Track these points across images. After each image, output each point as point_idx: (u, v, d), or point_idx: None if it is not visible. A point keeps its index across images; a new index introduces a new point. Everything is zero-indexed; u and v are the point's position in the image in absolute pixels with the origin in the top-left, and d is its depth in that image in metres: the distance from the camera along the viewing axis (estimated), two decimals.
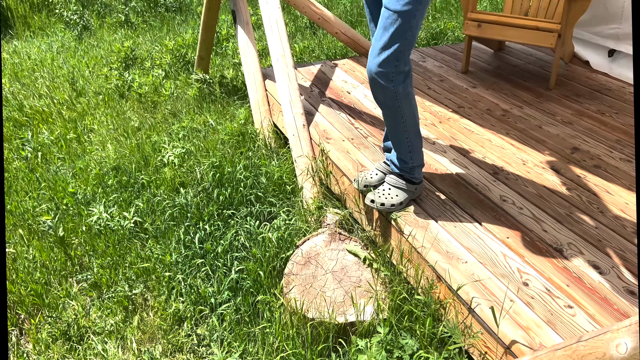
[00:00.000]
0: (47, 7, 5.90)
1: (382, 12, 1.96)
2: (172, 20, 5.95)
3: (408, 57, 1.99)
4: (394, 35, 1.92)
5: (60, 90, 4.12)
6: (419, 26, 1.97)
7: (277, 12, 3.07)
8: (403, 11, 1.88)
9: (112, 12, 6.02)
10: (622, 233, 2.05)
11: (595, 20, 3.73)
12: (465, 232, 2.05)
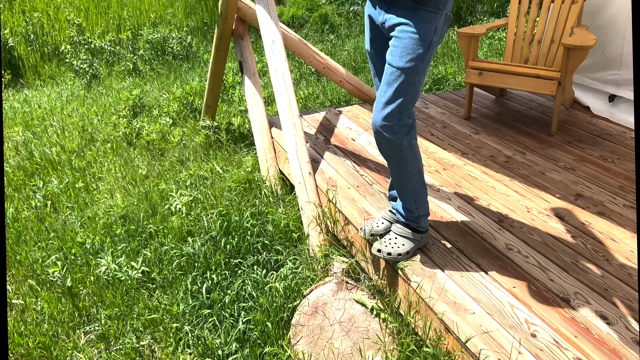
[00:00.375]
0: (57, 56, 6.06)
1: (385, 68, 2.03)
2: (179, 67, 6.09)
3: (412, 110, 2.04)
4: (397, 91, 1.98)
5: (70, 138, 4.19)
6: (422, 82, 2.03)
7: (283, 64, 3.16)
8: (406, 68, 1.95)
9: (120, 60, 6.18)
10: (629, 282, 2.05)
11: (595, 66, 3.82)
12: (472, 282, 2.06)
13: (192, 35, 7.16)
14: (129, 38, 6.61)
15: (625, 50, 3.57)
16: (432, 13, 1.93)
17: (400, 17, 1.96)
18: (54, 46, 6.15)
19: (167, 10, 7.79)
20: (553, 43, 3.71)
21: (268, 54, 3.24)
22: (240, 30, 3.75)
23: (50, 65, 5.90)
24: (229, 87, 5.26)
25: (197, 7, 7.97)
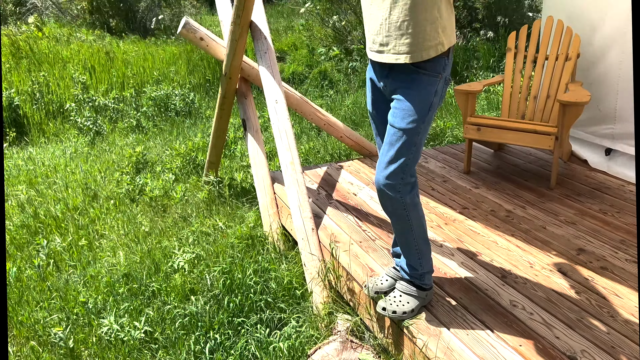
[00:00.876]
0: (62, 113, 6.18)
1: (388, 129, 2.09)
2: (182, 123, 6.20)
3: (414, 169, 2.09)
4: (399, 151, 2.03)
5: (73, 196, 4.23)
6: (423, 141, 2.09)
7: (286, 123, 3.24)
8: (408, 129, 2.00)
9: (124, 117, 6.30)
10: (634, 338, 2.04)
11: (590, 120, 3.90)
12: (477, 340, 2.05)
13: (195, 92, 7.32)
14: (133, 95, 6.76)
15: (618, 105, 3.66)
16: (432, 77, 2.00)
17: (401, 81, 2.04)
18: (58, 104, 6.27)
19: (170, 68, 7.99)
20: (549, 99, 3.80)
21: (271, 113, 3.31)
22: (243, 89, 3.85)
23: (54, 122, 6.01)
24: (231, 143, 5.35)
25: (199, 65, 8.18)
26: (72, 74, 6.85)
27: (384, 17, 1.95)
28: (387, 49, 1.99)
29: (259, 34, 3.51)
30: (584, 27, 3.82)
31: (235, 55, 3.50)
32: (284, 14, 15.81)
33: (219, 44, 3.79)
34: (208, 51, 3.82)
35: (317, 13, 10.15)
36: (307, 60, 9.24)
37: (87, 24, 10.65)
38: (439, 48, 1.97)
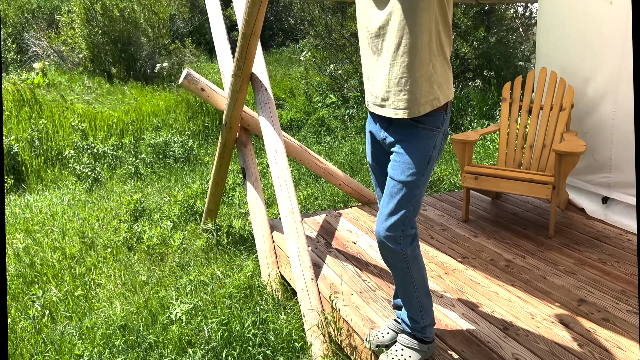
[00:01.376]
0: (60, 161, 6.20)
1: (388, 181, 2.11)
2: (180, 170, 6.23)
3: (414, 221, 2.10)
4: (399, 203, 2.04)
5: (70, 244, 4.20)
6: (423, 194, 2.10)
7: (286, 172, 3.26)
8: (407, 182, 2.03)
9: (122, 164, 6.32)
10: None
11: (586, 169, 3.94)
12: None
13: (194, 139, 7.39)
14: (132, 142, 6.81)
15: (613, 154, 3.71)
16: (430, 131, 2.04)
17: (400, 134, 2.07)
18: (57, 151, 6.31)
19: (169, 115, 8.08)
20: (544, 148, 3.85)
21: (271, 163, 3.34)
22: (243, 139, 3.89)
23: (53, 169, 6.03)
24: (230, 189, 5.36)
25: (198, 112, 8.28)
26: (71, 121, 6.91)
27: (384, 73, 2.01)
28: (387, 103, 2.04)
29: (259, 85, 3.57)
30: (577, 79, 3.91)
31: (236, 105, 3.56)
32: (282, 61, 16.14)
33: (220, 94, 3.85)
34: (209, 101, 3.88)
35: (315, 61, 10.37)
36: (305, 107, 9.38)
37: (87, 71, 10.82)
38: (435, 103, 2.02)
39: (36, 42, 11.50)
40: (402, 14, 1.89)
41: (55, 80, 9.28)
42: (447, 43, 2.02)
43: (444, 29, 1.98)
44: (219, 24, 4.03)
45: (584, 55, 3.85)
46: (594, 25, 3.73)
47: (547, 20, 4.18)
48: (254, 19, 3.09)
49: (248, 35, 3.18)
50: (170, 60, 11.68)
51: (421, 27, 1.89)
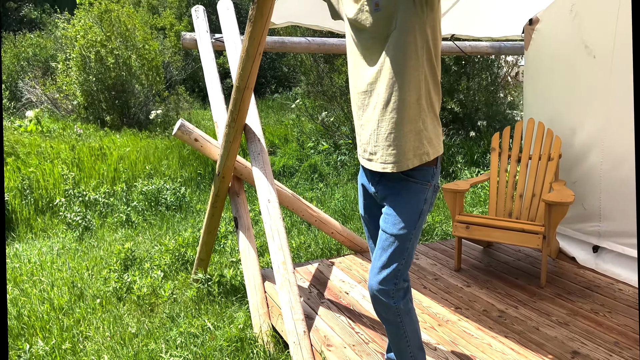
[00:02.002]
0: (51, 209, 6.17)
1: (380, 234, 2.12)
2: (172, 218, 6.21)
3: (407, 274, 2.11)
4: (392, 256, 2.05)
5: (59, 295, 4.14)
6: (415, 246, 2.12)
7: (278, 222, 3.27)
8: (399, 235, 2.04)
9: (113, 211, 6.30)
10: None
11: (576, 218, 3.98)
12: None
13: (186, 186, 7.39)
14: (124, 190, 6.81)
15: (602, 204, 3.76)
16: (421, 185, 2.07)
17: (392, 188, 2.10)
18: (48, 199, 6.28)
19: (162, 161, 8.12)
20: (534, 197, 3.90)
21: (264, 213, 3.35)
22: (236, 188, 3.91)
23: (43, 218, 5.99)
24: (221, 237, 5.34)
25: (190, 159, 8.33)
26: (62, 169, 6.92)
27: (373, 128, 2.05)
28: (375, 157, 2.08)
29: (252, 136, 3.62)
30: (564, 129, 4.00)
31: (229, 156, 3.59)
32: (275, 108, 16.35)
33: (213, 144, 3.90)
34: (202, 151, 3.92)
35: (306, 109, 10.53)
36: (298, 154, 9.46)
37: (81, 118, 10.90)
38: (424, 158, 2.06)
39: (30, 89, 11.63)
40: (392, 71, 1.95)
41: (49, 127, 9.33)
42: (436, 99, 2.08)
43: (433, 87, 2.04)
44: (213, 76, 4.12)
45: (570, 106, 3.95)
46: (578, 78, 3.84)
47: (533, 73, 4.30)
48: (247, 72, 3.16)
49: (242, 88, 3.24)
50: (164, 107, 11.82)
51: (410, 85, 1.95)
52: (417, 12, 1.91)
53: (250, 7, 2.74)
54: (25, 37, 15.06)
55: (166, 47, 16.06)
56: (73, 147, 7.84)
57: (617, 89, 3.54)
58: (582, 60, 3.79)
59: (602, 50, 3.63)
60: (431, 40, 1.97)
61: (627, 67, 3.45)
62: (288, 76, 20.82)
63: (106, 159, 7.71)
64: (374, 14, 1.99)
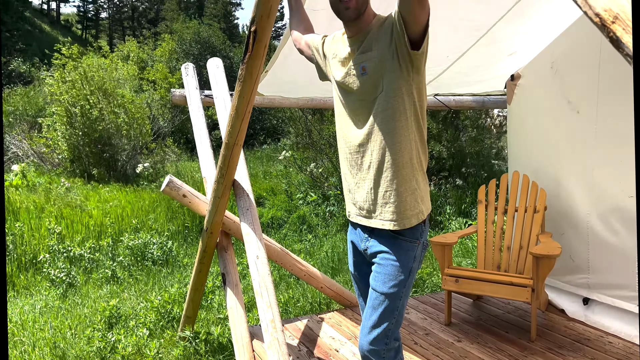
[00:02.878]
0: (34, 265, 6.07)
1: (370, 292, 2.11)
2: (158, 273, 6.12)
3: (397, 333, 2.08)
4: (382, 315, 2.04)
5: (40, 356, 4.02)
6: (405, 305, 2.11)
7: (267, 279, 3.24)
8: (389, 293, 2.03)
9: (99, 267, 6.20)
10: None
11: (565, 270, 3.99)
12: None
13: (173, 240, 7.33)
14: (109, 244, 6.73)
15: (590, 256, 3.78)
16: (410, 243, 2.08)
17: (381, 245, 2.11)
18: (32, 255, 6.18)
19: (149, 215, 8.07)
20: (522, 249, 3.92)
21: (252, 269, 3.32)
22: (224, 243, 3.89)
23: (26, 275, 5.87)
24: (209, 293, 5.25)
25: (178, 211, 8.29)
26: (47, 224, 6.85)
27: (369, 187, 2.07)
28: (374, 215, 2.09)
29: (241, 191, 3.63)
30: (549, 182, 4.06)
31: (217, 211, 3.59)
32: (263, 159, 16.45)
33: (202, 200, 3.90)
34: (191, 207, 3.91)
35: (295, 160, 10.62)
36: (286, 205, 9.47)
37: (67, 172, 10.87)
38: (420, 216, 2.08)
39: (17, 143, 11.62)
40: (382, 133, 1.99)
41: (35, 182, 9.27)
42: (424, 158, 2.12)
43: (421, 146, 2.08)
44: (203, 132, 4.16)
45: (554, 159, 4.03)
46: (562, 132, 3.94)
47: (516, 126, 4.41)
48: (237, 130, 3.20)
49: (231, 145, 3.28)
50: (151, 159, 11.85)
51: (401, 145, 1.99)
52: (404, 75, 1.96)
53: (240, 67, 2.81)
54: (12, 90, 15.17)
55: (154, 99, 16.26)
56: (57, 201, 7.78)
57: (602, 144, 3.62)
58: (566, 114, 3.89)
59: (586, 105, 3.73)
60: (417, 102, 2.02)
61: (611, 122, 3.54)
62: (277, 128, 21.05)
63: (92, 214, 7.64)
64: (361, 78, 2.04)
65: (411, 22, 1.86)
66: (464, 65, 4.02)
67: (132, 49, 23.09)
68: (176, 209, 8.30)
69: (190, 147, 18.70)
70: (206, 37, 23.97)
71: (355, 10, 2.02)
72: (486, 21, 3.50)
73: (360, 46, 2.06)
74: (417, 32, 1.89)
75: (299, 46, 2.49)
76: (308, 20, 2.52)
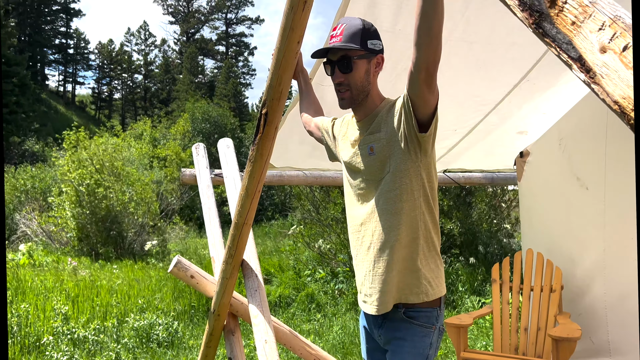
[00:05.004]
0: (37, 348, 5.90)
1: None
2: (163, 355, 5.93)
3: None
4: None
5: None
6: None
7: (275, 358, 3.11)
8: None
9: (103, 349, 6.03)
10: None
11: (586, 352, 3.82)
12: None
13: (179, 320, 7.16)
14: (114, 325, 6.57)
15: (611, 337, 3.63)
16: (425, 328, 1.99)
17: (395, 331, 2.02)
18: (35, 337, 6.03)
19: (155, 294, 7.93)
20: (539, 331, 3.77)
21: (260, 354, 3.19)
22: (231, 326, 3.77)
23: (28, 358, 5.70)
24: None
25: (185, 290, 8.15)
26: (53, 304, 6.74)
27: (368, 269, 2.02)
28: (370, 300, 2.03)
29: (250, 272, 3.57)
30: (565, 260, 3.98)
31: (225, 293, 3.51)
32: (271, 234, 16.38)
33: (209, 281, 3.82)
34: (198, 288, 3.84)
35: (303, 236, 10.54)
36: (294, 283, 9.31)
37: (75, 250, 10.84)
38: (422, 297, 2.00)
39: (26, 222, 11.69)
40: (385, 213, 1.96)
41: (41, 261, 9.22)
42: (437, 239, 2.06)
43: (432, 226, 2.04)
44: (212, 212, 4.15)
45: (567, 237, 3.96)
46: (573, 208, 3.90)
47: (528, 203, 4.38)
48: (246, 209, 3.19)
49: (241, 225, 3.25)
50: (159, 237, 11.83)
51: (405, 226, 1.95)
52: (412, 157, 1.96)
53: (250, 148, 2.84)
54: (25, 169, 15.46)
55: (164, 177, 16.48)
56: (64, 281, 7.69)
57: (612, 221, 3.57)
58: (575, 191, 3.87)
59: (594, 181, 3.72)
60: (427, 183, 2.01)
61: (621, 198, 3.51)
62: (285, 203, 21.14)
63: (98, 293, 7.53)
64: (368, 158, 2.05)
65: (420, 105, 1.88)
66: (472, 140, 4.06)
67: (146, 128, 23.74)
68: (182, 288, 8.17)
69: (199, 224, 18.71)
70: (216, 117, 24.65)
71: (350, 100, 2.07)
72: (492, 97, 3.57)
73: (369, 128, 2.08)
74: (426, 115, 1.90)
75: (309, 128, 2.53)
76: (318, 103, 2.57)
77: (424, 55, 1.71)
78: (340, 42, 2.01)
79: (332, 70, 2.08)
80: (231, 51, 68.02)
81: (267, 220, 19.71)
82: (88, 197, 10.47)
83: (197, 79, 58.81)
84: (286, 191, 20.70)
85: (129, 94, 65.76)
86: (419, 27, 1.66)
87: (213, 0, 66.57)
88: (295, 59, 1.97)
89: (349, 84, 2.03)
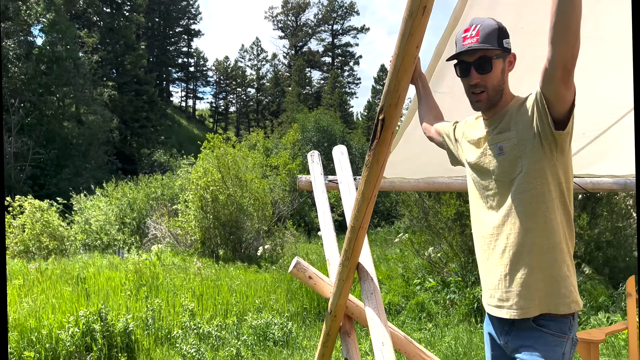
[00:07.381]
0: (168, 340, 6.41)
1: None
2: (279, 354, 6.19)
3: None
4: None
5: None
6: None
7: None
8: None
9: (225, 345, 6.41)
10: None
11: None
12: None
13: (292, 321, 7.42)
14: (235, 323, 6.96)
15: None
16: (557, 337, 1.91)
17: (524, 339, 1.95)
18: (167, 330, 6.56)
19: (270, 295, 8.28)
20: None
21: (377, 357, 3.26)
22: (347, 327, 3.87)
23: (162, 349, 6.21)
24: None
25: (298, 293, 8.43)
26: (182, 301, 7.28)
27: (503, 273, 1.97)
28: (507, 304, 1.98)
29: (365, 275, 3.65)
30: None
31: (341, 294, 3.62)
32: (377, 241, 16.40)
33: (326, 282, 3.96)
34: (315, 289, 3.99)
35: (412, 244, 10.45)
36: (404, 291, 9.26)
37: (198, 252, 11.61)
38: (573, 306, 1.92)
39: (157, 226, 12.70)
40: (521, 216, 1.91)
41: (170, 261, 9.98)
42: (571, 244, 1.98)
43: (568, 230, 1.96)
44: (327, 216, 4.29)
45: None
46: None
47: None
48: (362, 213, 3.27)
49: (357, 228, 3.34)
50: (272, 242, 12.32)
51: (543, 229, 1.90)
52: (547, 156, 1.90)
53: (366, 154, 2.92)
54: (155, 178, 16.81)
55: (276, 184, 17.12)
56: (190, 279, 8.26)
57: None
58: None
59: None
60: (564, 183, 1.94)
61: None
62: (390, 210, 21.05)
63: (220, 292, 8.01)
64: (497, 158, 2.01)
65: (555, 102, 1.82)
66: (602, 143, 3.84)
67: (259, 139, 24.85)
68: (295, 290, 8.44)
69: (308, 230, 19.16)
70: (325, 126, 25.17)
71: (487, 102, 2.03)
72: (628, 100, 3.35)
73: (498, 127, 2.04)
74: (562, 112, 1.84)
75: (429, 134, 2.53)
76: (437, 107, 2.55)
77: (562, 52, 1.67)
78: (477, 42, 1.98)
79: (466, 71, 2.04)
80: (337, 61, 69.15)
81: (374, 227, 19.74)
82: (212, 203, 11.21)
83: (304, 90, 60.39)
84: (392, 199, 20.60)
85: (243, 107, 69.12)
86: (555, 23, 1.63)
87: (320, 13, 68.12)
88: (414, 64, 1.94)
89: (485, 85, 2.00)
